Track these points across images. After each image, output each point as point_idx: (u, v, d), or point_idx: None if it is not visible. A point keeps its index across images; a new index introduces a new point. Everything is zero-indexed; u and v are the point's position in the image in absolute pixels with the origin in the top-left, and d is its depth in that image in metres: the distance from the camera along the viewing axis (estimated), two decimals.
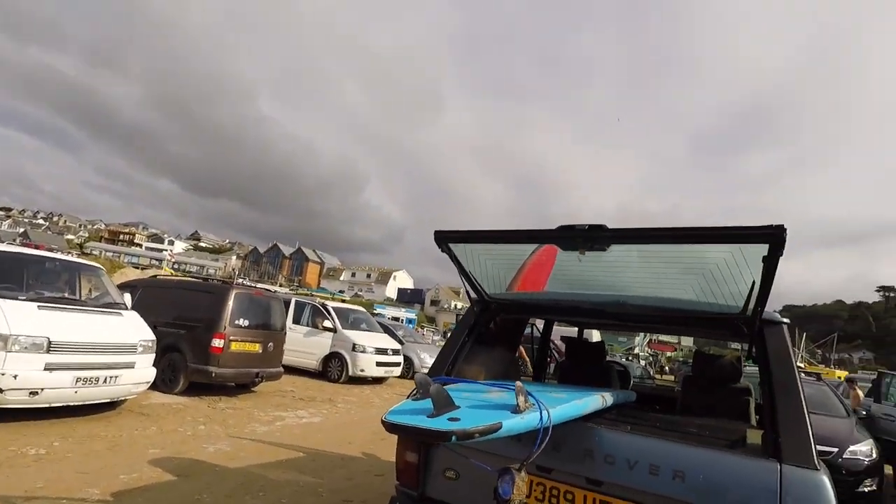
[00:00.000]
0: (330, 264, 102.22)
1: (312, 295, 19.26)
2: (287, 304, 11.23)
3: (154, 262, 68.61)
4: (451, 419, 1.67)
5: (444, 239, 2.67)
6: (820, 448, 2.03)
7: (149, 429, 5.54)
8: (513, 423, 1.70)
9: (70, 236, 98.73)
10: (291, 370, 10.86)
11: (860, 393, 10.08)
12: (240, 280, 32.85)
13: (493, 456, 2.11)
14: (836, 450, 5.64)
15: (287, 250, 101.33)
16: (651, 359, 36.21)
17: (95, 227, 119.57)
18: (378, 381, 12.30)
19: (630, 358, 29.59)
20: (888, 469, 6.28)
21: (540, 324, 4.65)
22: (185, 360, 7.56)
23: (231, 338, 7.70)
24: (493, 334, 3.26)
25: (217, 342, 7.55)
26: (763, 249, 1.95)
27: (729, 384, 3.45)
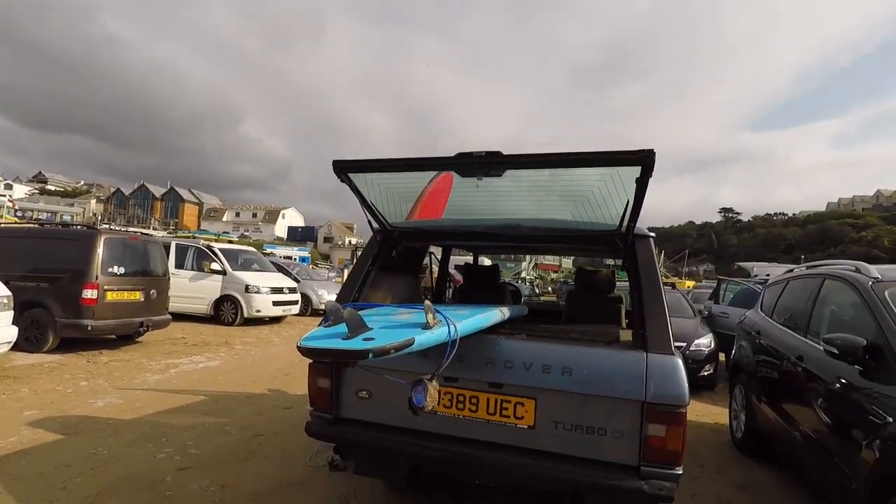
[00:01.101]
0: (209, 204, 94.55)
1: (195, 237, 17.89)
2: (167, 248, 10.38)
3: None
4: (365, 339, 1.76)
5: (344, 169, 2.65)
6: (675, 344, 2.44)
7: (19, 391, 5.03)
8: (424, 338, 1.83)
9: None
10: (180, 317, 10.26)
11: None
12: (105, 225, 29.35)
13: (402, 373, 2.26)
14: (685, 344, 6.72)
15: (157, 191, 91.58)
16: (537, 281, 39.30)
17: None
18: (276, 320, 12.06)
19: (518, 281, 31.81)
20: (721, 357, 7.63)
21: (438, 252, 4.83)
22: (53, 316, 6.81)
23: (106, 287, 7.02)
24: (395, 262, 3.36)
25: (89, 293, 6.85)
26: (636, 171, 2.21)
27: (605, 295, 3.92)
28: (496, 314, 2.64)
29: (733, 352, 5.50)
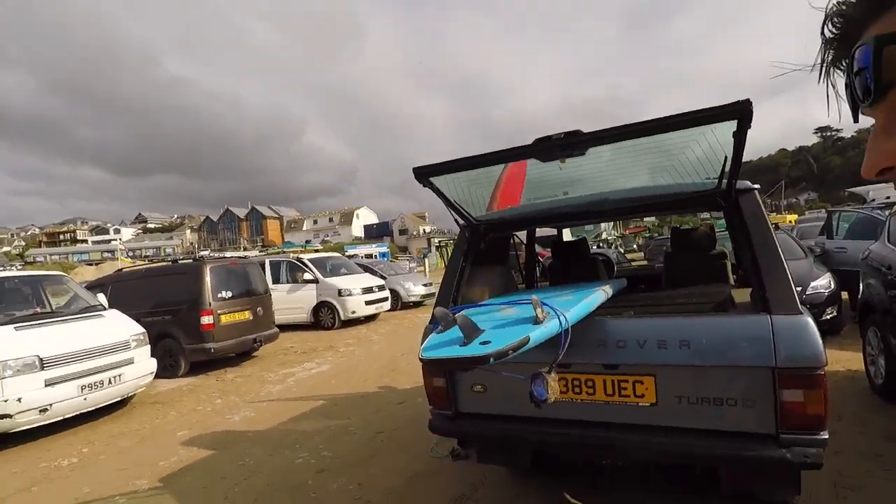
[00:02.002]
0: (289, 217, 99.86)
1: (284, 251, 19.03)
2: (262, 266, 11.14)
3: (106, 254, 65.84)
4: (482, 343, 1.81)
5: (424, 174, 2.69)
6: None
7: (168, 415, 5.66)
8: (538, 334, 1.85)
9: (6, 248, 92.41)
10: (284, 328, 10.98)
11: None
12: (203, 253, 32.02)
13: (514, 365, 2.29)
14: (799, 288, 6.19)
15: (241, 212, 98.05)
16: (619, 241, 37.84)
17: (29, 233, 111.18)
18: (370, 318, 12.60)
19: (600, 244, 30.82)
20: (845, 295, 6.96)
21: (521, 234, 4.80)
22: (181, 344, 7.58)
23: (219, 312, 7.69)
24: (485, 254, 3.39)
25: (206, 319, 7.55)
26: (732, 125, 2.06)
27: (706, 253, 3.72)
28: (600, 295, 2.59)
29: (860, 291, 5.01)
